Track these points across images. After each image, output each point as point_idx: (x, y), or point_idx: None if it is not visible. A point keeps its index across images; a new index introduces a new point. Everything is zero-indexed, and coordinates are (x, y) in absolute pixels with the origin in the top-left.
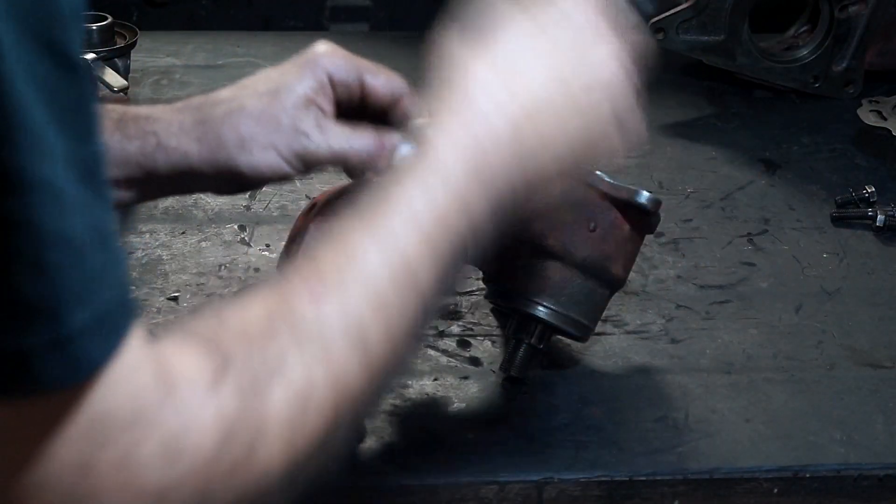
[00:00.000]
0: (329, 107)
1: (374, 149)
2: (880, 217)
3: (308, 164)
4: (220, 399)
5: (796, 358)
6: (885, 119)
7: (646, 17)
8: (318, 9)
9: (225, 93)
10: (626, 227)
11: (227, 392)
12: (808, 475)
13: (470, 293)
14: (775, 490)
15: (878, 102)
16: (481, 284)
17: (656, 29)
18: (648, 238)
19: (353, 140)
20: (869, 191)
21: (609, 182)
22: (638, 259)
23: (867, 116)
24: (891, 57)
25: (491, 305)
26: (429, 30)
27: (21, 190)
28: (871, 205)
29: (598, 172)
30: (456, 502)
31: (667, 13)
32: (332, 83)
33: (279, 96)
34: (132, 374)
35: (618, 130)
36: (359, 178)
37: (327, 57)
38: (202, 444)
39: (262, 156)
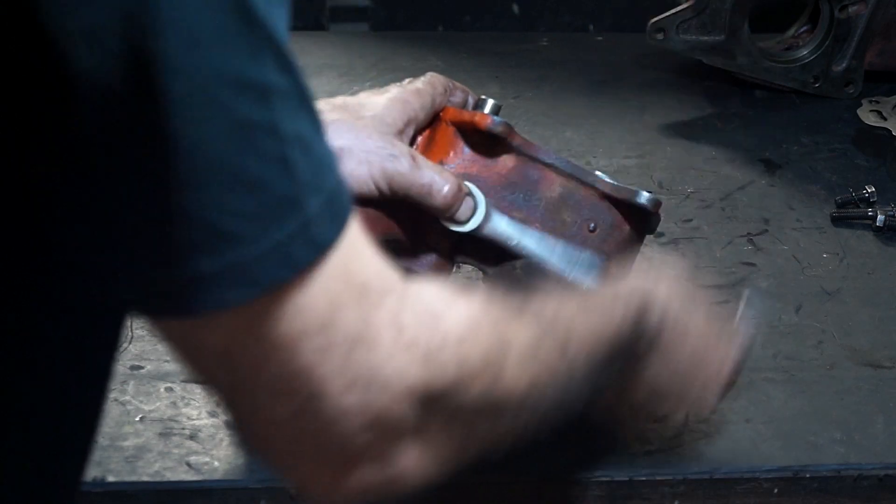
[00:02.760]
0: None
1: (454, 190)
2: (880, 217)
3: (394, 190)
4: (467, 302)
5: (796, 358)
6: (885, 119)
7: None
8: (318, 9)
9: (323, 105)
10: (627, 227)
11: (474, 300)
12: (808, 475)
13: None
14: (775, 490)
15: (878, 102)
16: (482, 285)
17: (656, 29)
18: (648, 238)
19: (439, 177)
20: (869, 191)
21: (609, 182)
22: (638, 259)
23: (867, 116)
24: (891, 57)
25: None
26: (428, 30)
27: (265, 98)
28: (871, 205)
29: (597, 172)
30: (456, 502)
31: (667, 13)
32: (421, 119)
33: (379, 120)
34: (371, 252)
35: (691, 411)
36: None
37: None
38: (457, 321)
39: (355, 168)
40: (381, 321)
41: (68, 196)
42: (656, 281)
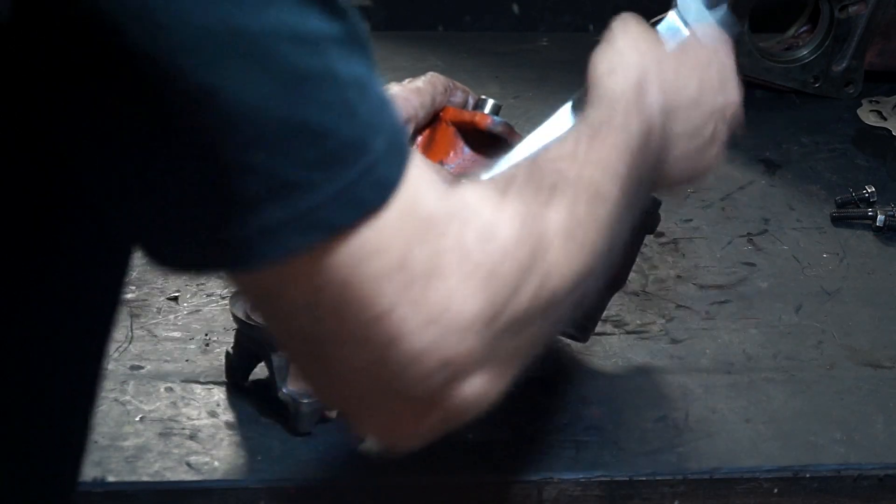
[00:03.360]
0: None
1: None
2: (880, 217)
3: None
4: (511, 202)
5: (796, 358)
6: (885, 119)
7: (734, 39)
8: None
9: None
10: None
11: (512, 198)
12: (808, 475)
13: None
14: (775, 490)
15: (878, 102)
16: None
17: None
18: (648, 238)
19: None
20: (869, 191)
21: None
22: (638, 259)
23: (867, 116)
24: (891, 57)
25: None
26: (428, 30)
27: (319, 47)
28: (871, 205)
29: None
30: (456, 502)
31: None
32: (420, 117)
33: None
34: (430, 180)
35: (721, 152)
36: None
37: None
38: (509, 227)
39: None
40: (449, 250)
41: (135, 165)
42: (619, 54)
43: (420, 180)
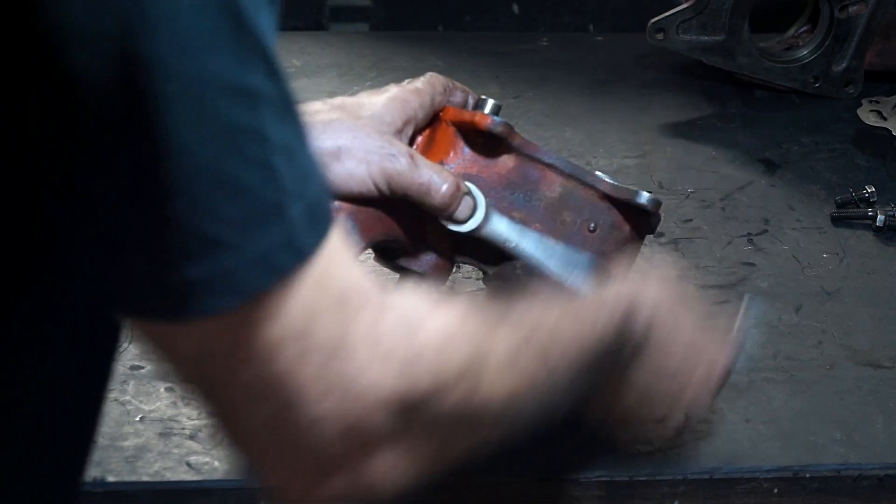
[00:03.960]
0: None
1: (453, 190)
2: (880, 217)
3: (392, 189)
4: (445, 311)
5: (796, 358)
6: (885, 119)
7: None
8: (318, 9)
9: (321, 105)
10: (627, 227)
11: (454, 310)
12: (808, 475)
13: (470, 293)
14: (775, 490)
15: (878, 102)
16: (481, 285)
17: (656, 29)
18: (648, 238)
19: (438, 177)
20: (869, 191)
21: (609, 182)
22: (638, 259)
23: (867, 116)
24: (891, 57)
25: None
26: (428, 30)
27: (254, 104)
28: (871, 205)
29: (597, 172)
30: (456, 502)
31: (667, 13)
32: (420, 118)
33: (378, 120)
34: (350, 260)
35: (684, 414)
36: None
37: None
38: (435, 332)
39: (354, 167)
40: (359, 331)
41: (63, 197)
42: (645, 283)
43: (340, 257)
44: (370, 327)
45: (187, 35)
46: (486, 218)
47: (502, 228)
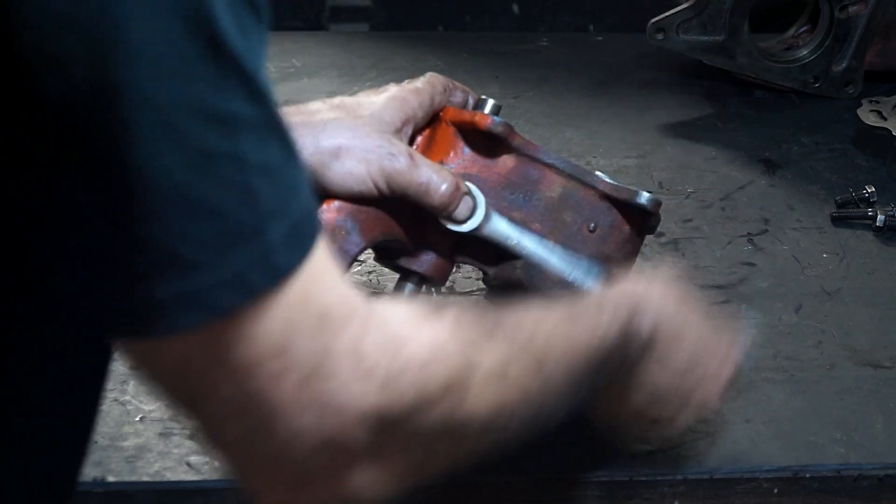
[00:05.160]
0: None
1: (452, 189)
2: (880, 217)
3: (392, 189)
4: (433, 324)
5: (796, 358)
6: (885, 119)
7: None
8: (318, 9)
9: (320, 105)
10: (627, 227)
11: (443, 322)
12: (808, 475)
13: (470, 293)
14: (775, 490)
15: (878, 102)
16: (481, 285)
17: (656, 29)
18: (648, 238)
19: (437, 176)
20: (869, 191)
21: (609, 182)
22: (638, 259)
23: (867, 116)
24: (891, 57)
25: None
26: (428, 30)
27: (230, 128)
28: (871, 205)
29: (597, 172)
30: (456, 502)
31: (667, 13)
32: (419, 118)
33: (377, 119)
34: (335, 278)
35: (693, 412)
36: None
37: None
38: (421, 346)
39: (353, 165)
40: (341, 349)
41: (37, 218)
42: (648, 284)
43: (323, 274)
44: (353, 344)
45: (161, 62)
46: (486, 218)
47: (503, 227)
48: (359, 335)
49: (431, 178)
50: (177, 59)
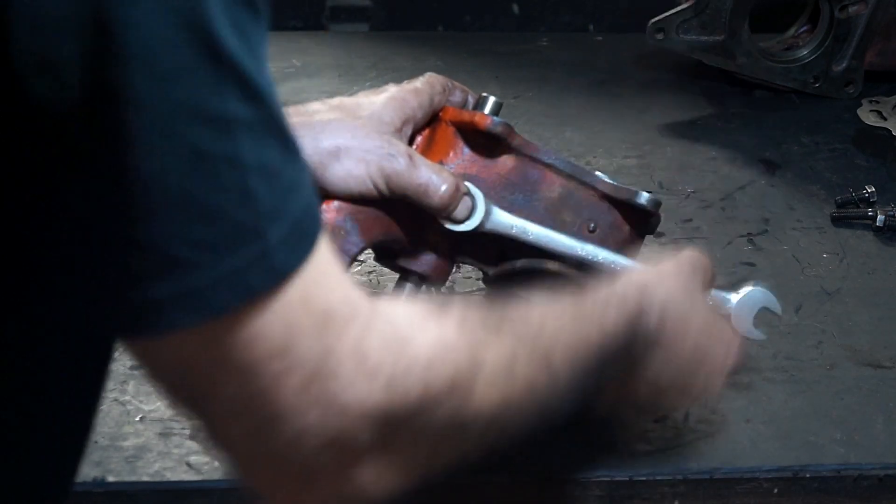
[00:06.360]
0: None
1: (452, 190)
2: (880, 217)
3: (392, 189)
4: (439, 322)
5: (796, 358)
6: (885, 119)
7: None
8: (318, 9)
9: (320, 106)
10: (626, 227)
11: (448, 320)
12: (808, 475)
13: (469, 293)
14: (775, 490)
15: (878, 102)
16: (481, 285)
17: (656, 29)
18: (648, 238)
19: (437, 177)
20: (869, 191)
21: (609, 183)
22: (638, 260)
23: (867, 116)
24: (891, 57)
25: None
26: (428, 30)
27: (227, 129)
28: (871, 205)
29: (597, 172)
30: (456, 502)
31: (667, 13)
32: (419, 118)
33: (376, 120)
34: (338, 277)
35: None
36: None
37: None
38: (426, 344)
39: (353, 166)
40: (344, 349)
41: (36, 219)
42: (654, 275)
43: (325, 273)
44: (357, 342)
45: (158, 65)
46: (487, 214)
47: (504, 218)
48: (362, 334)
49: (431, 178)
50: (172, 61)
